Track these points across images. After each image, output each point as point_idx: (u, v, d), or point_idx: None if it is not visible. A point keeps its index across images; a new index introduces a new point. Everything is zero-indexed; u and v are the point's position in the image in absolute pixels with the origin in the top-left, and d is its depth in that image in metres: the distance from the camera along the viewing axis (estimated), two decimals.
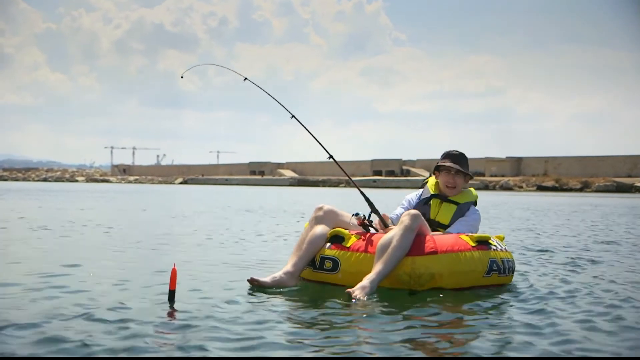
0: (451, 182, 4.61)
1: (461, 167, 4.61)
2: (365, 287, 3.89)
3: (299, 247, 4.40)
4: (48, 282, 4.32)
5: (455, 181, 4.61)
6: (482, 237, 4.38)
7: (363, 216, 4.46)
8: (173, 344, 2.89)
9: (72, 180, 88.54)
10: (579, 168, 62.18)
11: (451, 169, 4.61)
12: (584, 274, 5.28)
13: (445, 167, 4.62)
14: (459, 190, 4.66)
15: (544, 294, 4.24)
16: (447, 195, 4.64)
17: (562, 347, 2.99)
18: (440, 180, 4.67)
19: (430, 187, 4.73)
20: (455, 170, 4.60)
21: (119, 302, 3.68)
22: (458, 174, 4.62)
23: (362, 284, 3.92)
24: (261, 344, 2.93)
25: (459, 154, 4.68)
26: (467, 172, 4.64)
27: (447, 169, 4.62)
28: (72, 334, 2.99)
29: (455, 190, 4.63)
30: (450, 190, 4.63)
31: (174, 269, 3.76)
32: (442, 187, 4.66)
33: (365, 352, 2.86)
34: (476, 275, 4.25)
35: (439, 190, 4.69)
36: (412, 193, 4.84)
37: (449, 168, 4.61)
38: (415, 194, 4.82)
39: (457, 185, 4.61)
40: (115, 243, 7.15)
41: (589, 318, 3.55)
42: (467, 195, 4.69)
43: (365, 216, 4.47)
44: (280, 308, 3.67)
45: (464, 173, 4.63)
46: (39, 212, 13.04)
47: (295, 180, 72.82)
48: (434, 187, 4.72)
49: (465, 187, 4.72)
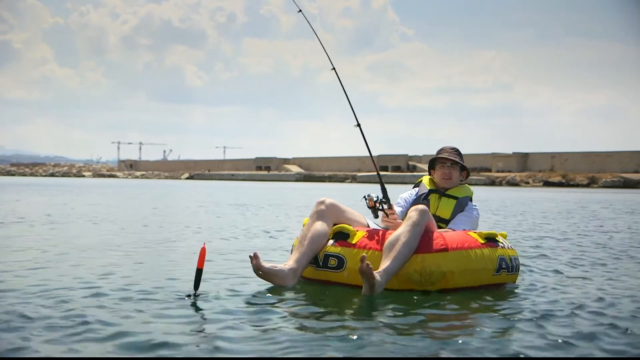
0: (447, 174, 4.59)
1: (457, 160, 4.61)
2: (381, 274, 3.80)
3: (301, 243, 4.22)
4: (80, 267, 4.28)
5: (451, 173, 4.60)
6: (490, 234, 4.29)
7: (376, 197, 4.27)
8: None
9: (79, 175, 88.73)
10: (586, 164, 61.89)
11: (446, 161, 4.61)
12: (590, 272, 5.20)
13: (440, 160, 4.63)
14: (455, 183, 4.64)
15: (550, 293, 4.16)
16: (444, 188, 4.61)
17: (572, 347, 2.92)
18: (436, 175, 4.67)
19: (426, 184, 4.71)
20: (450, 162, 4.60)
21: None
22: (453, 165, 4.61)
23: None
24: (267, 342, 2.86)
25: (452, 148, 4.70)
26: (462, 164, 4.62)
27: (441, 161, 4.63)
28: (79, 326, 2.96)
29: (451, 182, 4.61)
30: (446, 182, 4.61)
31: (204, 247, 3.72)
32: (438, 180, 4.65)
33: (376, 352, 2.79)
34: (487, 274, 4.14)
35: (435, 186, 4.67)
36: (406, 192, 4.76)
37: (444, 160, 4.62)
38: (410, 192, 4.75)
39: (452, 177, 4.61)
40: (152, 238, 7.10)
41: (597, 317, 3.47)
42: (464, 189, 4.67)
43: (378, 198, 4.29)
44: (284, 307, 3.58)
45: (459, 165, 4.62)
46: (64, 208, 13.03)
47: (302, 176, 72.75)
48: (430, 183, 4.70)
49: (462, 182, 4.70)
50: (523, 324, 3.32)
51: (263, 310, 3.50)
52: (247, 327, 3.14)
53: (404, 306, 3.64)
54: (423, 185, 4.72)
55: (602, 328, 3.25)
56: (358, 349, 2.83)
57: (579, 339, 3.05)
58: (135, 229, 8.48)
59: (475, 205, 4.65)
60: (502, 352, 2.84)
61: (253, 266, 4.03)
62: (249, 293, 3.95)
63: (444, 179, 4.62)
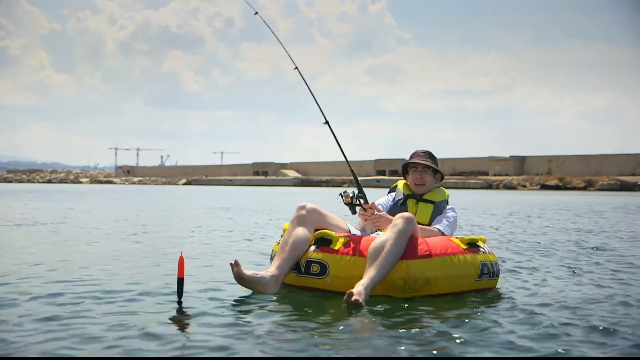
0: (419, 179, 4.55)
1: (429, 163, 4.56)
2: (361, 293, 3.70)
3: (282, 249, 4.16)
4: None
5: (423, 178, 4.56)
6: (472, 239, 4.27)
7: (352, 193, 4.25)
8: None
9: (76, 181, 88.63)
10: (583, 167, 61.98)
11: (417, 166, 4.56)
12: (570, 274, 5.20)
13: (411, 165, 4.60)
14: (430, 188, 4.60)
15: (531, 297, 4.15)
16: (418, 193, 4.58)
17: (555, 348, 2.89)
18: (409, 180, 4.63)
19: (402, 189, 4.67)
20: (422, 166, 4.55)
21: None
22: (425, 169, 4.56)
23: (357, 290, 3.71)
24: (249, 349, 2.83)
25: (424, 152, 4.66)
26: (433, 167, 4.58)
27: (413, 166, 4.59)
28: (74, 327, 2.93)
29: (424, 187, 4.57)
30: (419, 187, 4.57)
31: (181, 256, 3.69)
32: (411, 185, 4.61)
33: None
34: (470, 280, 4.12)
35: (410, 191, 4.63)
36: (382, 198, 4.73)
37: (415, 165, 4.57)
38: (386, 198, 4.71)
39: (425, 182, 4.57)
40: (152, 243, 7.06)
41: (578, 319, 3.47)
42: (440, 193, 4.63)
43: (354, 193, 4.26)
44: (266, 317, 3.54)
45: (432, 170, 4.57)
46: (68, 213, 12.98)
47: (299, 181, 72.74)
48: (405, 188, 4.67)
49: (437, 186, 4.66)
50: (505, 326, 3.30)
51: (244, 318, 3.46)
52: (228, 334, 3.10)
53: (388, 312, 3.61)
54: (399, 190, 4.69)
55: (583, 328, 3.25)
56: (341, 356, 2.80)
57: (561, 340, 3.05)
58: (120, 236, 8.44)
59: (452, 207, 4.63)
60: (487, 354, 2.82)
61: (234, 274, 3.99)
62: (230, 301, 3.91)
63: (416, 184, 4.57)
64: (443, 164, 65.08)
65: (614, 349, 2.95)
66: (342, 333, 3.18)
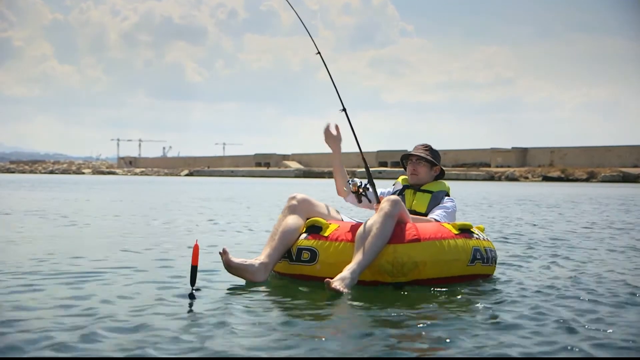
0: (412, 170, 4.57)
1: (422, 155, 4.56)
2: (346, 278, 3.71)
3: (272, 238, 4.16)
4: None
5: (417, 169, 4.56)
6: (464, 225, 4.23)
7: (360, 183, 4.25)
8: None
9: (79, 172, 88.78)
10: (585, 158, 61.87)
11: (412, 157, 4.58)
12: (569, 265, 5.15)
13: (409, 157, 4.62)
14: (425, 179, 4.59)
15: (529, 288, 4.09)
16: (416, 184, 4.59)
17: (550, 344, 2.83)
18: (407, 172, 4.65)
19: (402, 181, 4.70)
20: (415, 157, 4.56)
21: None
22: (419, 161, 4.57)
23: (342, 275, 3.73)
24: (239, 346, 2.77)
25: (423, 145, 4.66)
26: (428, 159, 4.56)
27: (409, 158, 4.62)
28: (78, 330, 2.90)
29: (418, 177, 4.57)
30: (413, 178, 4.58)
31: (196, 244, 3.68)
32: (408, 177, 4.63)
33: (349, 351, 2.72)
34: (460, 264, 4.09)
35: (409, 183, 4.65)
36: (385, 189, 4.72)
37: (410, 157, 4.60)
38: (388, 190, 4.72)
39: (419, 172, 4.57)
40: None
41: (575, 313, 3.41)
42: (439, 184, 4.63)
43: (361, 183, 4.26)
44: (255, 303, 3.52)
45: (428, 162, 4.57)
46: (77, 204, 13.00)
47: (301, 172, 72.74)
48: (405, 181, 4.69)
49: (437, 179, 4.65)
50: (502, 319, 3.24)
51: (229, 306, 3.42)
52: (213, 323, 3.08)
53: (376, 300, 3.59)
54: (399, 182, 4.72)
55: (585, 324, 3.18)
56: (329, 346, 2.75)
57: (558, 334, 2.98)
58: (126, 226, 8.44)
59: (451, 198, 4.60)
60: (484, 351, 2.75)
61: (223, 262, 3.99)
62: (218, 290, 3.90)
63: (411, 175, 4.59)
64: (445, 156, 64.87)
65: (615, 349, 2.83)
66: (321, 329, 3.09)
